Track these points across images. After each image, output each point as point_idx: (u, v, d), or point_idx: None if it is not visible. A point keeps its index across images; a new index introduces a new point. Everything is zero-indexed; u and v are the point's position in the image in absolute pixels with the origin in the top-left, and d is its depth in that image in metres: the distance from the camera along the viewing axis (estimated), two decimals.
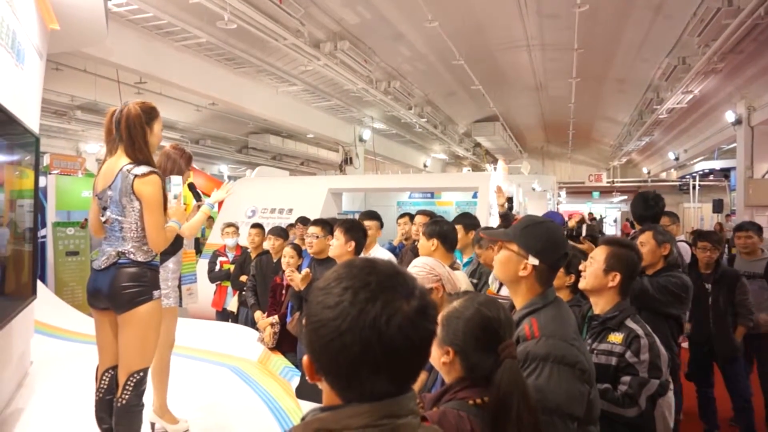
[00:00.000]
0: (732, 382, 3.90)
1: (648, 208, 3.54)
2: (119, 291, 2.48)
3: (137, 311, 2.48)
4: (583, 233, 3.31)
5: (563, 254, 1.68)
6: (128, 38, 7.18)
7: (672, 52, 9.34)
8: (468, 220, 3.81)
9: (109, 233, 2.59)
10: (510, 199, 4.48)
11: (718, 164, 17.68)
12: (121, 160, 2.54)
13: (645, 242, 2.97)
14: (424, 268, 2.12)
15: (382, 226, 4.57)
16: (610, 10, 8.12)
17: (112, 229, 2.56)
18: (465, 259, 3.70)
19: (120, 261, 2.52)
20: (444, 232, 2.92)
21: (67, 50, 5.93)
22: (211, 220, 7.89)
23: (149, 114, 2.59)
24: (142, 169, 2.48)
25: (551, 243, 1.64)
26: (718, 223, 15.49)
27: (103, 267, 2.54)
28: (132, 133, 2.52)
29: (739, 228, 4.32)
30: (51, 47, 4.74)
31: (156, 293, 2.57)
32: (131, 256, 2.51)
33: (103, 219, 2.59)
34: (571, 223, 3.44)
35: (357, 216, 5.11)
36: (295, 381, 3.80)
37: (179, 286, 3.28)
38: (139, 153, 2.53)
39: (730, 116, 10.87)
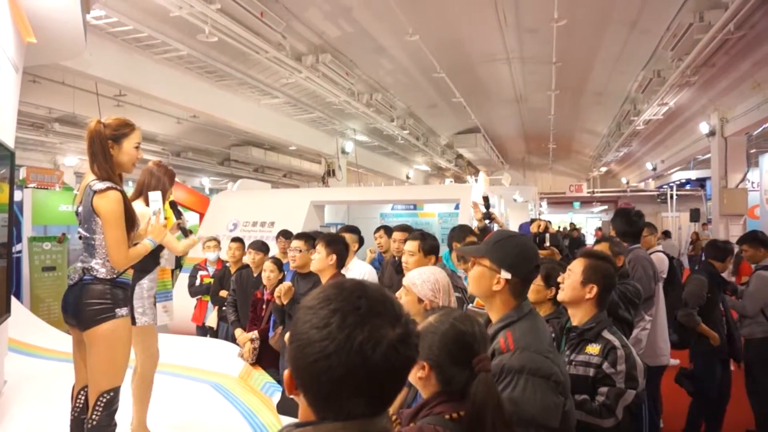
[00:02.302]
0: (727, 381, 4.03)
1: (632, 224, 3.67)
2: (82, 308, 2.44)
3: (99, 329, 2.43)
4: (547, 242, 3.39)
5: (535, 266, 1.71)
6: (108, 51, 7.13)
7: (647, 66, 9.58)
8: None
9: (83, 249, 2.57)
10: (486, 198, 4.55)
11: (693, 174, 18.12)
12: (89, 176, 2.53)
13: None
14: (429, 278, 2.07)
15: (362, 241, 4.59)
16: (587, 24, 8.31)
17: (85, 245, 2.55)
18: None
19: (85, 277, 2.48)
20: (437, 248, 3.09)
21: (45, 63, 5.85)
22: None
23: (117, 130, 2.53)
24: (101, 184, 2.44)
25: (522, 256, 1.67)
26: (695, 233, 15.77)
27: (71, 284, 2.54)
28: (93, 148, 2.48)
29: (738, 243, 4.52)
30: (28, 60, 4.68)
31: (121, 311, 2.49)
32: (94, 273, 2.48)
33: (78, 236, 2.58)
34: (533, 228, 3.49)
35: (338, 229, 5.10)
36: (277, 396, 3.76)
37: (155, 304, 3.24)
38: (100, 169, 2.48)
39: (704, 127, 11.15)
